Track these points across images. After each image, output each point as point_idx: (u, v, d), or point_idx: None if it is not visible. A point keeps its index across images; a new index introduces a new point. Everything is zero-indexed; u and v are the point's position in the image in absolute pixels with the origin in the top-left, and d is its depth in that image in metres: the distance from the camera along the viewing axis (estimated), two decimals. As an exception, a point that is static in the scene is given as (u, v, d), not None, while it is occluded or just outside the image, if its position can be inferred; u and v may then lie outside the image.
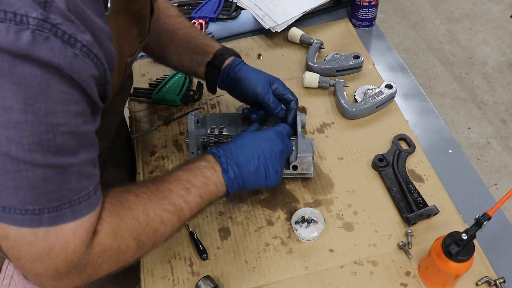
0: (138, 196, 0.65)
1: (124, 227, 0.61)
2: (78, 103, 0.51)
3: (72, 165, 0.52)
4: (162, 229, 0.66)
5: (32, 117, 0.47)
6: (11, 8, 0.43)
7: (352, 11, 1.26)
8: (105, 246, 0.59)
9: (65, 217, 0.53)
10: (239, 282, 0.82)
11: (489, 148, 2.21)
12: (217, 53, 0.90)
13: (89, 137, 0.55)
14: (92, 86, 0.52)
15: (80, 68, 0.49)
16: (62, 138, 0.50)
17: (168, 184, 0.69)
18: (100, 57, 0.52)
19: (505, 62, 2.58)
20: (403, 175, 0.93)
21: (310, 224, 0.87)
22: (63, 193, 0.52)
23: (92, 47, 0.50)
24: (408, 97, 1.10)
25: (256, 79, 0.88)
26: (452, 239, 0.70)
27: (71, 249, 0.54)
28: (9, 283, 1.54)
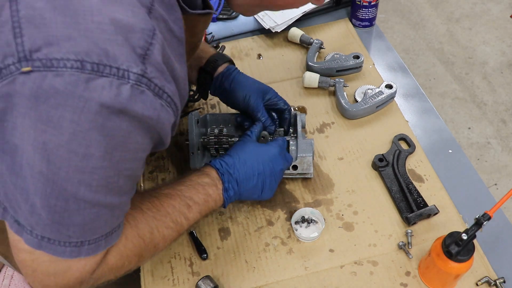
0: (144, 214, 0.65)
1: (130, 246, 0.63)
2: (145, 151, 0.53)
3: (121, 203, 0.55)
4: (162, 244, 0.68)
5: (107, 164, 0.48)
6: (115, 63, 0.44)
7: (352, 11, 1.26)
8: (111, 265, 0.61)
9: (100, 248, 0.56)
10: (239, 282, 0.82)
11: (489, 148, 2.21)
12: (211, 59, 0.90)
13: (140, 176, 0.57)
14: (169, 132, 0.54)
15: (164, 118, 0.51)
16: (125, 181, 0.52)
17: (171, 201, 0.69)
18: (178, 104, 0.54)
19: (505, 62, 2.58)
20: (403, 175, 0.93)
21: (310, 224, 0.87)
22: (104, 228, 0.55)
23: (174, 97, 0.52)
24: (408, 97, 1.10)
25: (249, 91, 0.88)
26: (452, 239, 0.70)
27: (86, 270, 0.57)
28: (9, 283, 1.54)
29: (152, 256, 0.68)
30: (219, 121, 0.97)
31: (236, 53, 1.24)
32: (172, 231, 0.68)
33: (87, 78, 0.43)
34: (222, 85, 0.89)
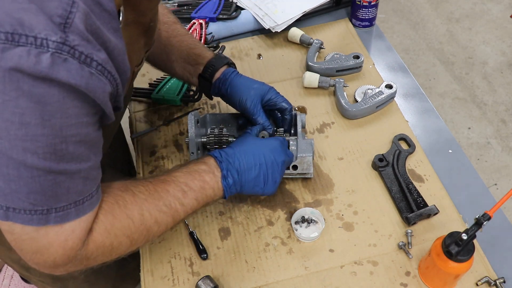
0: (135, 196, 0.66)
1: (118, 225, 0.63)
2: (89, 115, 0.54)
3: (81, 170, 0.55)
4: (156, 228, 0.68)
5: (48, 131, 0.49)
6: (32, 32, 0.45)
7: (352, 11, 1.26)
8: (99, 243, 0.62)
9: (70, 216, 0.56)
10: (239, 282, 0.82)
11: (489, 148, 2.21)
12: (208, 64, 0.90)
13: (99, 142, 0.58)
14: (106, 101, 0.54)
15: (95, 86, 0.51)
16: (74, 147, 0.53)
17: (166, 185, 0.70)
18: (114, 74, 0.54)
19: (505, 62, 2.58)
20: (403, 175, 0.93)
21: (310, 224, 0.87)
22: (70, 195, 0.56)
23: (106, 65, 0.52)
24: (408, 97, 1.10)
25: (245, 94, 0.86)
26: (452, 239, 0.70)
27: (69, 246, 0.58)
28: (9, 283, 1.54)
29: (147, 240, 0.68)
30: (219, 121, 0.97)
31: (236, 53, 1.24)
32: (165, 216, 0.69)
33: (2, 48, 0.44)
34: (220, 90, 0.90)
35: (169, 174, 0.73)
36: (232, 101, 0.89)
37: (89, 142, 0.55)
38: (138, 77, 1.21)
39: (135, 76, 0.75)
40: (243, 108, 0.88)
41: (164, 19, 0.94)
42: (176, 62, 0.93)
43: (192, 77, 0.92)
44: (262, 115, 0.87)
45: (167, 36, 0.93)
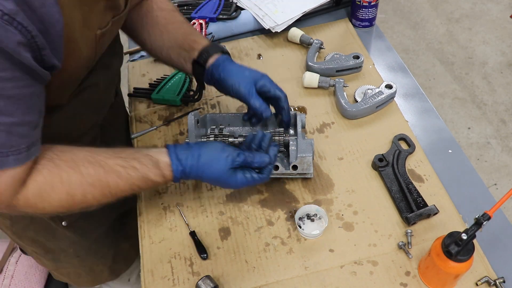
0: (82, 177, 0.69)
1: (54, 197, 0.68)
2: (6, 70, 0.54)
3: (1, 124, 0.58)
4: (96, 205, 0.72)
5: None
6: None
7: (352, 11, 1.26)
8: (29, 203, 0.67)
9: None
10: (239, 282, 0.82)
11: (489, 148, 2.21)
12: (202, 50, 0.88)
13: (25, 100, 0.60)
14: (20, 52, 0.55)
15: (2, 36, 0.52)
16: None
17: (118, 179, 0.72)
18: (26, 25, 0.54)
19: (505, 62, 2.58)
20: (403, 175, 0.93)
21: (314, 222, 0.87)
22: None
23: (16, 15, 0.52)
24: (408, 97, 1.10)
25: (239, 79, 0.85)
26: (452, 239, 0.70)
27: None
28: (9, 283, 1.54)
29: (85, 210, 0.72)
30: (219, 121, 0.97)
31: (236, 53, 1.24)
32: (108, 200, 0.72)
33: None
34: (213, 76, 0.88)
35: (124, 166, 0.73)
36: (225, 87, 0.87)
37: (10, 98, 0.57)
38: (138, 77, 1.21)
39: (102, 40, 0.75)
40: (236, 92, 0.86)
41: (162, 6, 0.95)
42: (171, 48, 0.92)
43: (186, 63, 0.91)
44: (257, 98, 0.85)
45: (164, 23, 0.93)
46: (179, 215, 0.92)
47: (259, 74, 0.87)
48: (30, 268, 1.54)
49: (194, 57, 0.89)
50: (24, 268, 1.54)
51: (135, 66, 1.24)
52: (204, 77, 0.90)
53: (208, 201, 0.94)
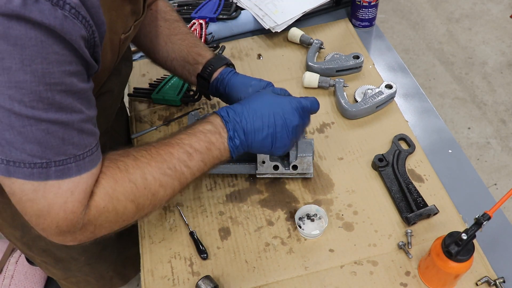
0: (136, 160, 0.65)
1: (120, 190, 0.63)
2: (72, 64, 0.54)
3: (73, 121, 0.56)
4: (162, 192, 0.67)
5: (30, 77, 0.50)
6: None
7: (352, 11, 1.26)
8: (101, 208, 0.61)
9: (71, 171, 0.56)
10: (239, 282, 0.82)
11: (489, 148, 2.21)
12: (207, 64, 0.89)
13: (86, 95, 0.58)
14: (82, 46, 0.55)
15: (70, 29, 0.51)
16: (61, 96, 0.53)
17: (169, 148, 0.68)
18: (88, 19, 0.54)
19: (505, 62, 2.58)
20: (403, 175, 0.93)
21: (314, 222, 0.87)
22: (67, 148, 0.56)
23: (80, 9, 0.52)
24: (408, 97, 1.11)
25: (243, 92, 0.84)
26: (452, 239, 0.70)
27: (69, 209, 0.58)
28: (9, 283, 1.54)
29: (154, 205, 0.67)
30: None
31: (236, 53, 1.24)
32: (171, 179, 0.67)
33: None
34: (218, 90, 0.88)
35: (173, 137, 0.70)
36: (231, 101, 0.87)
37: (77, 94, 0.56)
38: (138, 77, 1.21)
39: (124, 45, 0.75)
40: None
41: (166, 17, 0.94)
42: (176, 60, 0.92)
43: (191, 76, 0.92)
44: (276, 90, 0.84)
45: (168, 33, 0.93)
46: (179, 215, 0.92)
47: (264, 83, 0.86)
48: (30, 268, 1.54)
49: (199, 71, 0.89)
50: (24, 268, 1.54)
51: (135, 66, 1.24)
52: (209, 90, 0.90)
53: (208, 201, 0.94)
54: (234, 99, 0.86)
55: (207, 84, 0.89)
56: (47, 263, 1.11)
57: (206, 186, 0.96)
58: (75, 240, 0.62)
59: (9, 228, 0.99)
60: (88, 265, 1.12)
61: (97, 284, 1.20)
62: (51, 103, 0.53)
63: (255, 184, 0.95)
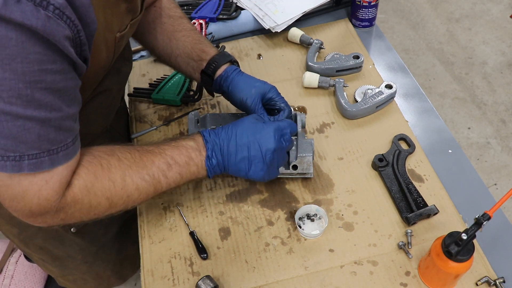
0: (119, 161, 0.68)
1: (98, 186, 0.65)
2: (56, 62, 0.54)
3: (51, 119, 0.57)
4: (136, 195, 0.70)
5: (9, 75, 0.51)
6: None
7: (352, 11, 1.26)
8: (77, 199, 0.64)
9: (43, 165, 0.58)
10: (239, 282, 0.82)
11: (489, 148, 2.21)
12: (211, 61, 0.89)
13: (70, 93, 0.59)
14: (67, 46, 0.55)
15: (53, 29, 0.52)
16: (41, 94, 0.54)
17: (152, 156, 0.72)
18: (74, 19, 0.55)
19: (505, 62, 2.58)
20: (403, 175, 0.93)
21: (314, 222, 0.87)
22: (41, 143, 0.57)
23: (65, 9, 0.53)
24: (408, 97, 1.11)
25: (246, 93, 0.85)
26: (452, 239, 0.70)
27: (43, 196, 0.60)
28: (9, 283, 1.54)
29: (126, 206, 0.70)
30: (219, 121, 0.97)
31: (236, 53, 1.24)
32: (147, 184, 0.70)
33: None
34: (221, 87, 0.89)
35: (157, 145, 0.74)
36: (234, 100, 0.88)
37: (59, 92, 0.56)
38: (138, 77, 1.21)
39: (120, 43, 0.75)
40: (244, 107, 0.87)
41: (170, 13, 0.94)
42: (180, 56, 0.92)
43: (195, 73, 0.92)
44: (263, 114, 0.85)
45: (172, 30, 0.93)
46: (179, 215, 0.92)
47: (268, 86, 0.87)
48: (30, 268, 1.54)
49: (203, 68, 0.90)
50: (24, 268, 1.54)
51: (135, 66, 1.24)
52: (213, 87, 0.91)
53: (208, 201, 0.94)
54: (237, 98, 0.86)
55: (211, 81, 0.90)
56: (44, 261, 1.11)
57: (206, 186, 0.96)
58: (45, 223, 0.65)
59: (6, 225, 0.99)
60: (85, 263, 1.12)
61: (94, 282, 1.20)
62: (30, 100, 0.53)
63: (255, 184, 0.95)
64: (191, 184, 0.97)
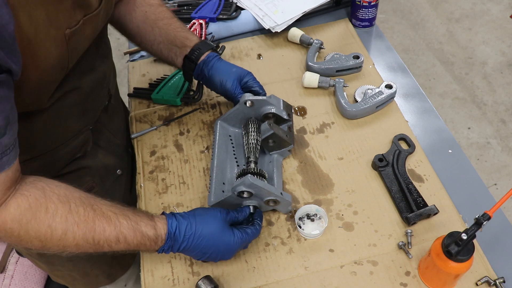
0: (69, 213, 0.65)
1: (33, 226, 0.63)
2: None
3: None
4: (74, 249, 0.68)
5: None
6: None
7: (352, 11, 1.26)
8: (6, 227, 0.62)
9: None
10: (239, 282, 0.82)
11: (489, 148, 2.21)
12: (195, 47, 0.95)
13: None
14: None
15: None
16: None
17: (105, 223, 0.68)
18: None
19: (505, 62, 2.58)
20: (403, 175, 0.93)
21: (314, 222, 0.87)
22: None
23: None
24: (408, 97, 1.11)
25: (226, 76, 0.93)
26: (452, 239, 0.70)
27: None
28: (9, 283, 1.54)
29: (60, 252, 0.68)
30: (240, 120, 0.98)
31: (236, 53, 1.24)
32: (89, 246, 0.68)
33: None
34: (203, 72, 0.95)
35: (116, 214, 0.70)
36: (213, 83, 0.95)
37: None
38: (138, 77, 1.21)
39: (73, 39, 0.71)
40: (224, 89, 0.94)
41: (150, 2, 0.98)
42: (162, 44, 0.97)
43: (177, 58, 0.97)
44: (241, 93, 0.92)
45: (154, 18, 0.97)
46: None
47: (245, 71, 0.96)
48: (30, 268, 1.54)
49: (186, 53, 0.96)
50: (24, 268, 1.54)
51: (135, 66, 1.24)
52: (194, 72, 0.97)
53: (208, 201, 0.93)
54: (217, 81, 0.94)
55: (194, 66, 0.96)
56: (31, 256, 1.11)
57: (206, 186, 0.96)
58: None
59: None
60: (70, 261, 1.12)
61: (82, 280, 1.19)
62: None
63: (255, 184, 0.95)
64: (190, 184, 0.97)
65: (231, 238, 0.77)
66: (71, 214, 0.66)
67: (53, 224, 0.64)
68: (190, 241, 0.75)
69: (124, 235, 0.70)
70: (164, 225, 0.74)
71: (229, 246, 0.78)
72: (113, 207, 0.71)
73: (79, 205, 0.67)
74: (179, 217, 0.76)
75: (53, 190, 0.66)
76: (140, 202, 0.95)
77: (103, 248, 0.70)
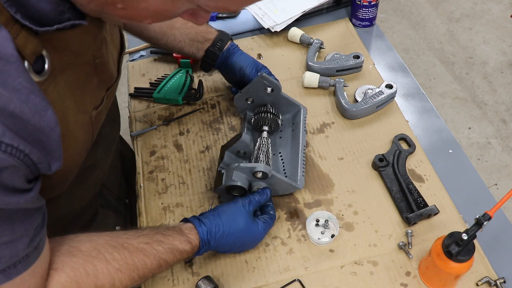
0: (108, 264, 0.63)
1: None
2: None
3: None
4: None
5: None
6: None
7: (352, 11, 1.26)
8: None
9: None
10: (239, 282, 0.82)
11: (490, 148, 2.21)
12: (216, 39, 1.03)
13: (18, 212, 0.52)
14: (6, 176, 0.47)
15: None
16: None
17: (144, 257, 0.68)
18: (17, 144, 0.47)
19: (505, 62, 2.58)
20: (403, 175, 0.93)
21: (325, 229, 0.86)
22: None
23: (2, 137, 0.45)
24: (408, 97, 1.10)
25: (246, 63, 1.02)
26: (452, 239, 0.70)
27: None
28: (9, 283, 1.53)
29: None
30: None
31: (236, 53, 1.23)
32: (136, 282, 0.68)
33: None
34: (225, 60, 1.03)
35: (148, 242, 0.70)
36: (232, 69, 1.02)
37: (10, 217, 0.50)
38: (138, 76, 1.21)
39: (98, 119, 0.68)
40: (242, 74, 1.01)
41: None
42: (183, 41, 1.03)
43: (198, 52, 1.04)
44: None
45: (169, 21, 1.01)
46: (179, 215, 0.92)
47: (262, 65, 1.04)
48: (30, 268, 1.53)
49: (209, 45, 1.03)
50: (24, 268, 1.53)
51: (135, 66, 1.24)
52: (217, 61, 1.03)
53: (208, 201, 0.93)
54: (237, 65, 1.02)
55: (216, 56, 1.03)
56: None
57: (206, 186, 0.96)
58: None
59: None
60: None
61: None
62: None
63: (255, 184, 0.95)
64: (190, 184, 0.97)
65: (256, 230, 0.81)
66: (110, 264, 0.64)
67: (99, 282, 0.62)
68: (219, 241, 0.77)
69: (164, 260, 0.70)
70: (196, 234, 0.75)
71: (255, 238, 0.82)
72: (142, 237, 0.70)
73: (112, 252, 0.65)
74: (205, 220, 0.77)
75: (80, 249, 0.63)
76: (140, 202, 0.95)
77: (148, 277, 0.71)
